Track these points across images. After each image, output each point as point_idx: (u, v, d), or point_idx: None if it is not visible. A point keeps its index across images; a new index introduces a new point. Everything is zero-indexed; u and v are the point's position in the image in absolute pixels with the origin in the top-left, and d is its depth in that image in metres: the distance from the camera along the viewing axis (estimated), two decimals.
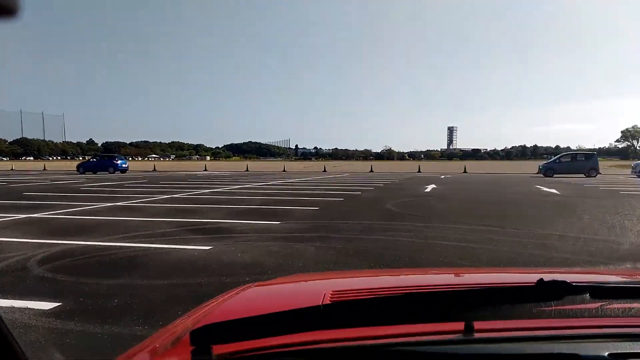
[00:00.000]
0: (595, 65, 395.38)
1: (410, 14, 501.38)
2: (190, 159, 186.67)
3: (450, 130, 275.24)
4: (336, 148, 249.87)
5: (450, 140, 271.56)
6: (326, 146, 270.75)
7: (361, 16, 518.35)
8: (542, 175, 31.02)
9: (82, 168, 35.13)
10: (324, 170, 42.08)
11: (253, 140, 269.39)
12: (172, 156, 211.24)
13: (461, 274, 1.82)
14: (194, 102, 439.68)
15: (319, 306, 0.78)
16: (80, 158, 40.99)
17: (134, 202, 12.27)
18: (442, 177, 30.16)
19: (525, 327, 0.85)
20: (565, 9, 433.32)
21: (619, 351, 0.75)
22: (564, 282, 0.78)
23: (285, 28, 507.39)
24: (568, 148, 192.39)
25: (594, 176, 30.00)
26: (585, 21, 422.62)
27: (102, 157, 37.72)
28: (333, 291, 1.21)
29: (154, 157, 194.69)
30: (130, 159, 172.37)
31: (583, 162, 31.53)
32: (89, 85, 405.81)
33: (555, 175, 30.41)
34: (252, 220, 8.81)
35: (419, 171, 39.93)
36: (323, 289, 1.25)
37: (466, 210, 10.70)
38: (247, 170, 43.77)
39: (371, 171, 40.86)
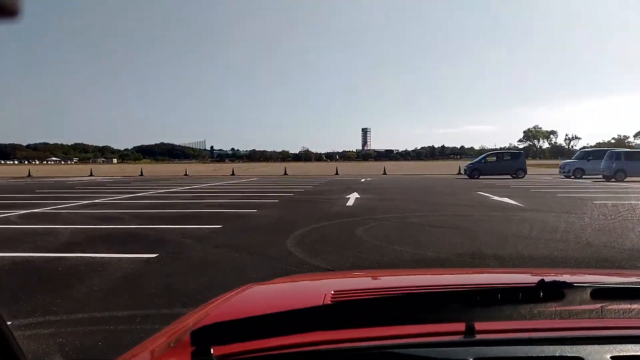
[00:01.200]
0: (488, 75, 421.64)
1: (325, 16, 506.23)
2: (95, 161, 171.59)
3: (365, 132, 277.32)
4: (254, 149, 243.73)
5: (364, 142, 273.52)
6: (244, 147, 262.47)
7: (275, 17, 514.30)
8: (467, 177, 28.48)
9: None
10: (232, 174, 37.11)
11: (166, 142, 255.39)
12: (75, 159, 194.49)
13: (462, 275, 1.77)
14: (98, 101, 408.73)
15: (320, 307, 0.78)
16: None
17: None
18: (363, 180, 26.49)
19: (526, 328, 0.83)
20: (478, 19, 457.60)
21: (621, 354, 0.74)
22: (565, 283, 0.76)
23: (196, 26, 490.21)
24: (472, 148, 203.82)
25: (522, 177, 27.91)
26: (487, 35, 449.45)
27: None
28: (334, 291, 1.18)
29: (54, 160, 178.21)
30: (26, 162, 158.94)
31: (510, 162, 29.40)
32: None
33: (481, 177, 28.01)
34: None
35: (337, 173, 36.27)
36: (324, 289, 1.22)
37: (418, 249, 6.52)
38: (142, 174, 37.54)
39: (285, 174, 36.60)
